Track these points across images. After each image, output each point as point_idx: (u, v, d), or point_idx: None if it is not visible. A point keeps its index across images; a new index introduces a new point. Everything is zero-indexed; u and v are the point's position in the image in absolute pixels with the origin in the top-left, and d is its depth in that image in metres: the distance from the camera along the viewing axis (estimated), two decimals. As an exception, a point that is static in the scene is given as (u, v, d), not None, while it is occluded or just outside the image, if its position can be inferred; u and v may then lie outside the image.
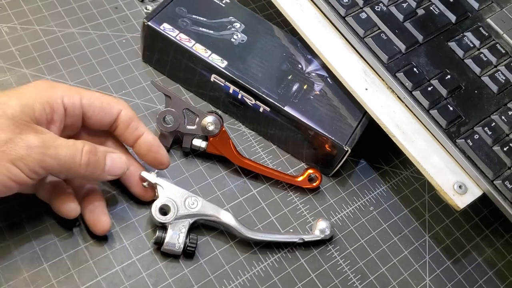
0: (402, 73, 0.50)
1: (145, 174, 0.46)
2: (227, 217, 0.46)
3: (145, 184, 0.46)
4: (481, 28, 0.56)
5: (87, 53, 0.56)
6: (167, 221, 0.45)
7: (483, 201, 0.49)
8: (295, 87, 0.52)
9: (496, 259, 0.53)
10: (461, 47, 0.54)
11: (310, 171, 0.52)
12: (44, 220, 0.45)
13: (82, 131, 0.45)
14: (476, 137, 0.49)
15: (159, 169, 0.47)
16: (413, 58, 0.52)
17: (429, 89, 0.50)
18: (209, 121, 0.50)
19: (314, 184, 0.52)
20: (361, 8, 0.53)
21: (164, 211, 0.45)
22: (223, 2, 0.56)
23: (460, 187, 0.47)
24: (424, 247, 0.52)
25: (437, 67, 0.52)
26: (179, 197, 0.46)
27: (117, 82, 0.55)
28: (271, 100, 0.51)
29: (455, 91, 0.51)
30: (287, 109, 0.51)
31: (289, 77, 0.53)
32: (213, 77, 0.52)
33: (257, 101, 0.52)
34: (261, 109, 0.52)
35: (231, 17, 0.55)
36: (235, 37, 0.54)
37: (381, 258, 0.51)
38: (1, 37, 0.54)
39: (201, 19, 0.54)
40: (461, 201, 0.47)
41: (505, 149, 0.49)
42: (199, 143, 0.50)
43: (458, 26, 0.56)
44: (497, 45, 0.55)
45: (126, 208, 0.47)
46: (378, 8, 0.54)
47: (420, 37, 0.53)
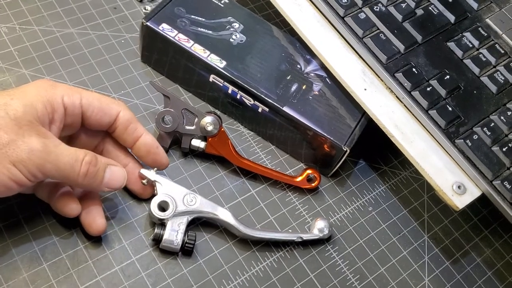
0: (401, 73, 0.50)
1: (144, 171, 0.46)
2: (225, 215, 0.47)
3: (144, 181, 0.46)
4: (480, 28, 0.56)
5: (86, 53, 0.56)
6: (166, 217, 0.45)
7: (482, 201, 0.49)
8: (294, 87, 0.52)
9: (495, 259, 0.53)
10: (460, 47, 0.54)
11: (309, 171, 0.52)
12: (43, 220, 0.45)
13: (81, 130, 0.45)
14: (475, 137, 0.49)
15: (158, 170, 0.47)
16: (412, 58, 0.52)
17: (428, 89, 0.50)
18: (208, 121, 0.50)
19: (313, 184, 0.52)
20: (360, 8, 0.53)
21: (162, 207, 0.46)
22: (222, 2, 0.56)
23: (459, 187, 0.47)
24: (423, 247, 0.52)
25: (436, 67, 0.52)
26: (177, 194, 0.46)
27: (116, 82, 0.55)
28: (270, 100, 0.51)
29: (454, 92, 0.51)
30: (286, 109, 0.51)
31: (288, 77, 0.53)
32: (212, 77, 0.52)
33: (256, 101, 0.52)
34: (260, 109, 0.52)
35: (230, 17, 0.55)
36: (234, 37, 0.54)
37: (380, 258, 0.51)
38: (0, 37, 0.54)
39: (200, 19, 0.54)
40: (460, 202, 0.47)
41: (504, 149, 0.49)
42: (198, 143, 0.50)
43: (457, 26, 0.56)
44: (496, 45, 0.55)
45: (125, 208, 0.47)
46: (377, 8, 0.54)
47: (419, 37, 0.53)
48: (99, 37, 0.57)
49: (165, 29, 0.52)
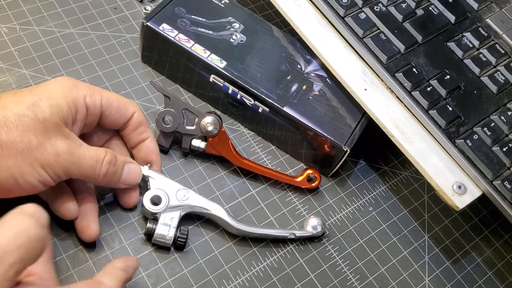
0: (401, 73, 0.50)
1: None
2: (217, 210, 0.47)
3: None
4: (480, 28, 0.56)
5: (86, 54, 0.56)
6: (158, 210, 0.45)
7: (483, 201, 0.49)
8: (294, 88, 0.52)
9: (495, 259, 0.53)
10: (461, 47, 0.54)
11: (309, 171, 0.52)
12: (43, 220, 0.45)
13: (95, 128, 0.46)
14: (475, 137, 0.49)
15: None
16: (412, 58, 0.52)
17: (428, 89, 0.50)
18: (208, 121, 0.50)
19: (313, 184, 0.52)
20: (360, 8, 0.53)
21: (155, 202, 0.46)
22: (222, 2, 0.56)
23: (459, 187, 0.47)
24: (423, 247, 0.52)
25: (436, 67, 0.52)
26: (170, 189, 0.46)
27: (116, 82, 0.55)
28: (270, 100, 0.51)
29: (455, 91, 0.51)
30: (286, 109, 0.51)
31: (288, 78, 0.53)
32: (212, 78, 0.52)
33: (256, 102, 0.52)
34: (260, 110, 0.52)
35: (230, 18, 0.55)
36: (234, 37, 0.54)
37: (381, 258, 0.51)
38: (1, 37, 0.54)
39: (200, 19, 0.54)
40: (460, 202, 0.47)
41: (504, 149, 0.49)
42: (198, 143, 0.50)
43: (457, 26, 0.56)
44: (497, 45, 0.55)
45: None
46: (377, 8, 0.54)
47: (419, 37, 0.53)
48: (100, 37, 0.57)
49: (165, 29, 0.52)
